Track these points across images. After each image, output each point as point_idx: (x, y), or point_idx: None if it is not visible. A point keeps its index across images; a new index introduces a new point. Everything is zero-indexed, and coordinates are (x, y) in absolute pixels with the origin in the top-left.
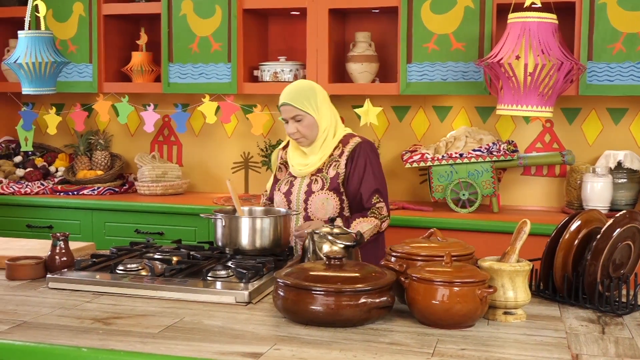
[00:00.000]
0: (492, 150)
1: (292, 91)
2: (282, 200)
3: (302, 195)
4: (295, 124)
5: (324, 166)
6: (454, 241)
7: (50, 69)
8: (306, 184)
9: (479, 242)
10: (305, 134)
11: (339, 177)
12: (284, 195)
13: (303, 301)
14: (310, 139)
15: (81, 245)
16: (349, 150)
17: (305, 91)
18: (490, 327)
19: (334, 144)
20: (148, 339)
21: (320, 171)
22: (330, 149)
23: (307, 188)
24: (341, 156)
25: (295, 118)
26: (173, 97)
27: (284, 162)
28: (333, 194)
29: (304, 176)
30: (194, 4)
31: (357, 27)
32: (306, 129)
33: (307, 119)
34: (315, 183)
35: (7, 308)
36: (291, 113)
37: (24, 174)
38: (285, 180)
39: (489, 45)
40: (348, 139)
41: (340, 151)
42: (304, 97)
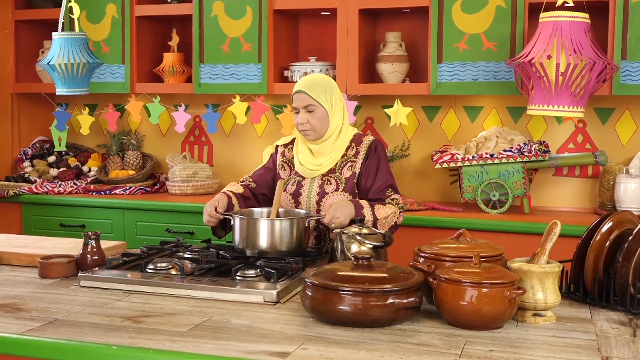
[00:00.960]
0: (523, 150)
1: (310, 81)
2: (289, 201)
3: (314, 196)
4: (306, 114)
5: (337, 167)
6: (483, 242)
7: (84, 70)
8: (318, 185)
9: (509, 244)
10: (314, 126)
11: (355, 177)
12: (291, 196)
13: (331, 301)
14: (318, 134)
15: (112, 244)
16: (365, 149)
17: (323, 83)
18: (519, 329)
19: (346, 144)
20: (177, 338)
21: (333, 172)
22: (343, 149)
23: (319, 189)
24: (357, 156)
25: (308, 108)
26: (204, 97)
27: (288, 161)
28: (348, 195)
29: (313, 177)
30: (225, 5)
31: (388, 27)
32: (317, 121)
33: (319, 110)
34: (329, 184)
35: (40, 306)
36: (304, 102)
37: (57, 174)
38: (292, 181)
39: (521, 44)
40: (360, 138)
41: (355, 151)
42: (320, 88)
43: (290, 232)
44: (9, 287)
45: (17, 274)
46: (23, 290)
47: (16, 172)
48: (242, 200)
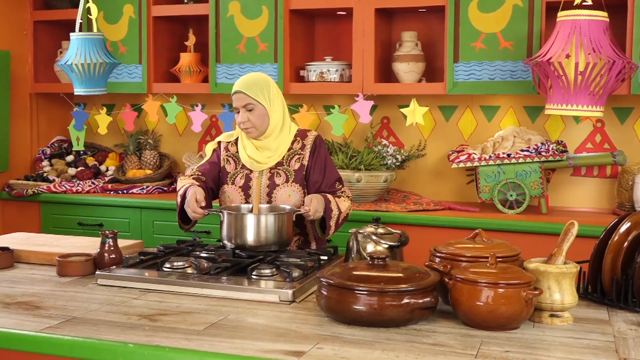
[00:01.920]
0: (540, 150)
1: (247, 81)
2: (239, 193)
3: (264, 188)
4: (246, 113)
5: (284, 160)
6: (500, 242)
7: (101, 70)
8: (267, 177)
9: (527, 244)
10: (255, 123)
11: (304, 169)
12: (241, 188)
13: (346, 301)
14: (259, 130)
15: (130, 243)
16: (311, 143)
17: (259, 82)
18: (535, 330)
19: (291, 137)
20: (193, 336)
21: (281, 164)
22: (288, 143)
23: (269, 181)
24: (303, 149)
25: (247, 107)
26: (220, 97)
27: (232, 155)
28: (298, 186)
29: (261, 170)
30: (241, 5)
31: (404, 26)
32: (257, 118)
33: (258, 108)
34: (278, 176)
35: (57, 304)
36: (243, 101)
37: (75, 173)
38: (240, 174)
39: (538, 43)
40: (305, 132)
41: (301, 145)
42: (257, 87)
43: (277, 226)
44: (28, 285)
45: (36, 272)
46: (41, 288)
47: (35, 171)
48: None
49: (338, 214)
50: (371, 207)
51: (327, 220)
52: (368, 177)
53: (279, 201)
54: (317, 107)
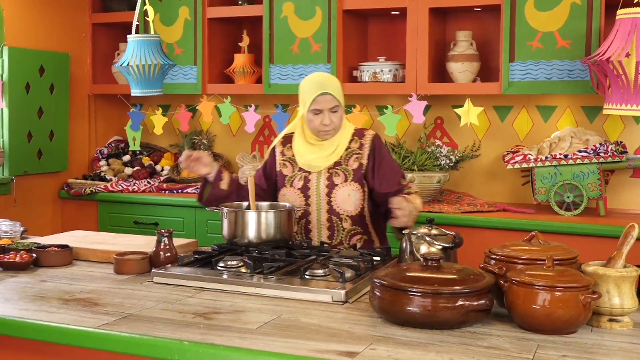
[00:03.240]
0: (599, 151)
1: (329, 82)
2: (298, 195)
3: (323, 189)
4: (331, 115)
5: (342, 159)
6: (557, 244)
7: (157, 71)
8: (325, 177)
9: (584, 247)
10: (337, 125)
11: (362, 168)
12: (300, 190)
13: (399, 302)
14: (337, 131)
15: (184, 241)
16: (369, 143)
17: (337, 83)
18: (594, 334)
19: (349, 137)
20: (246, 335)
21: (339, 164)
22: (347, 142)
23: (327, 182)
24: (362, 148)
25: (333, 109)
26: (273, 97)
27: (289, 159)
28: (357, 185)
29: (319, 170)
30: (295, 6)
31: (458, 25)
32: (339, 120)
33: (340, 110)
34: (337, 176)
35: (115, 301)
36: (330, 103)
37: (131, 173)
38: (298, 177)
39: (597, 42)
40: (362, 132)
41: (359, 144)
42: (338, 88)
43: (277, 223)
44: (86, 282)
45: (94, 270)
46: (99, 286)
47: (93, 170)
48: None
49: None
50: (424, 208)
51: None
52: (421, 178)
53: (338, 201)
54: (370, 108)
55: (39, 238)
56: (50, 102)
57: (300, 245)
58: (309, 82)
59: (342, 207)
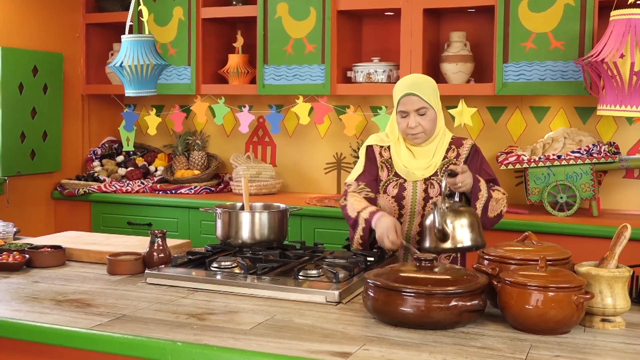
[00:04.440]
0: (592, 152)
1: (418, 82)
2: (392, 204)
3: (419, 201)
4: (417, 117)
5: (438, 170)
6: (550, 245)
7: (151, 71)
8: (422, 188)
9: (577, 247)
10: (426, 129)
11: None
12: (394, 198)
13: (393, 302)
14: (428, 136)
15: (178, 242)
16: (466, 153)
17: (430, 84)
18: (586, 335)
19: (446, 145)
20: (240, 335)
21: (436, 175)
22: (444, 151)
23: (424, 194)
24: (457, 158)
25: (419, 111)
26: (268, 98)
27: (386, 161)
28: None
29: (416, 180)
30: (289, 7)
31: (452, 26)
32: (429, 123)
33: (430, 113)
34: (432, 188)
35: (108, 301)
36: (416, 105)
37: (125, 173)
38: (393, 183)
39: (590, 43)
40: (460, 141)
41: (456, 153)
42: (429, 89)
43: (270, 223)
44: (79, 283)
45: (87, 270)
46: (92, 286)
47: (86, 171)
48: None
49: (487, 197)
50: None
51: (472, 201)
52: None
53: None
54: (364, 108)
55: (32, 239)
56: (44, 103)
57: (294, 245)
58: (399, 83)
59: None
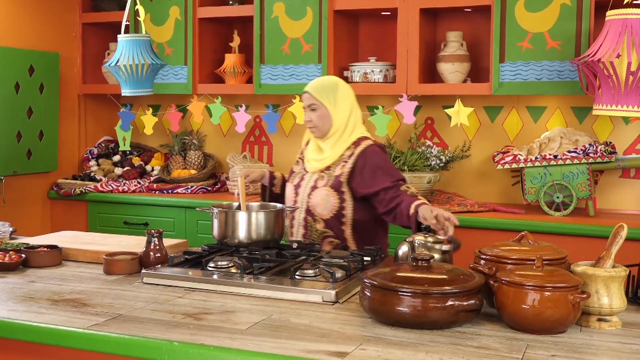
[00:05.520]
0: (588, 151)
1: (315, 82)
2: (292, 192)
3: (308, 189)
4: (310, 112)
5: (333, 164)
6: (546, 245)
7: (148, 71)
8: (314, 179)
9: (573, 247)
10: (317, 124)
11: (342, 176)
12: (294, 187)
13: (389, 302)
14: (322, 131)
15: (174, 242)
16: (358, 153)
17: (326, 84)
18: (583, 334)
19: (348, 144)
20: (237, 335)
21: (329, 168)
22: (343, 148)
23: (313, 183)
24: (350, 157)
25: (311, 107)
26: (264, 98)
27: (301, 156)
28: (334, 192)
29: (314, 172)
30: (286, 6)
31: (449, 26)
32: (318, 119)
33: (321, 109)
34: (321, 179)
35: (104, 301)
36: (308, 101)
37: (121, 173)
38: (299, 175)
39: (586, 43)
40: (360, 141)
41: (351, 152)
42: (323, 89)
43: (267, 223)
44: (76, 283)
45: (83, 270)
46: (89, 286)
47: (82, 171)
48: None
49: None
50: None
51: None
52: (412, 178)
53: (313, 201)
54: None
55: (28, 238)
56: (40, 102)
57: (291, 245)
58: None
59: (316, 209)
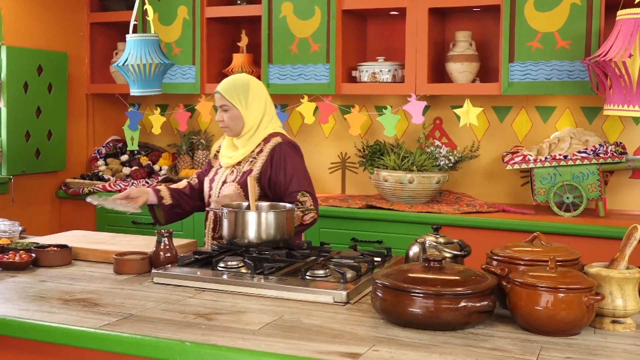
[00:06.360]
0: (598, 152)
1: (226, 82)
2: (208, 185)
3: (219, 184)
4: (222, 113)
5: (244, 160)
6: (559, 246)
7: (156, 70)
8: (227, 174)
9: (584, 248)
10: (228, 124)
11: (251, 173)
12: (209, 181)
13: (402, 303)
14: (234, 131)
15: (184, 242)
16: (268, 150)
17: (237, 85)
18: (597, 336)
19: (258, 141)
20: (248, 336)
21: (240, 164)
22: (253, 145)
23: (224, 178)
24: (259, 154)
25: (222, 107)
26: (272, 97)
27: (217, 153)
28: (238, 186)
29: (227, 167)
30: (294, 6)
31: (458, 26)
32: (230, 120)
33: (232, 111)
34: (231, 174)
35: (115, 301)
36: (219, 102)
37: (129, 172)
38: (215, 169)
39: (596, 43)
40: (269, 138)
41: (260, 149)
42: (234, 90)
43: (277, 223)
44: (86, 282)
45: (93, 270)
46: (99, 286)
47: (91, 170)
48: (176, 194)
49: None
50: (423, 208)
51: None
52: (420, 179)
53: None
54: (369, 108)
55: (38, 238)
56: (49, 102)
57: (301, 245)
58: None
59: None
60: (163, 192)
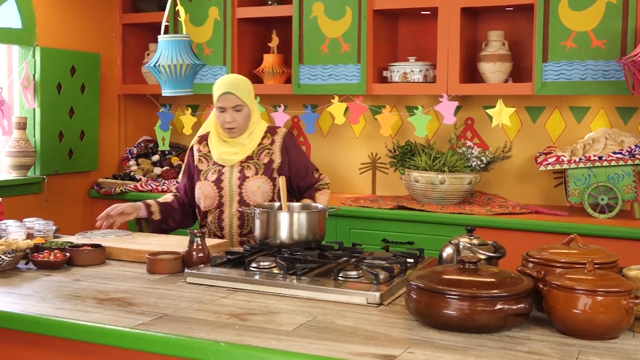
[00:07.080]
0: (634, 152)
1: (234, 82)
2: (212, 188)
3: (235, 181)
4: (234, 113)
5: (254, 154)
6: (596, 248)
7: (187, 71)
8: (238, 170)
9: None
10: (241, 123)
11: (273, 163)
12: (213, 183)
13: (437, 305)
14: (242, 130)
15: (216, 242)
16: (280, 140)
17: (245, 83)
18: (636, 340)
19: (262, 134)
20: (282, 336)
21: (251, 158)
22: (259, 139)
23: (240, 174)
24: (272, 144)
25: (236, 108)
26: (303, 98)
27: (204, 155)
28: (267, 178)
29: (233, 164)
30: (325, 6)
31: (490, 25)
32: (243, 119)
33: (245, 110)
34: (248, 169)
35: (149, 301)
36: (233, 102)
37: (161, 172)
38: (212, 170)
39: (632, 42)
40: (274, 129)
41: (271, 140)
42: (244, 88)
43: (309, 224)
44: (120, 282)
45: (127, 269)
46: (133, 285)
47: (122, 170)
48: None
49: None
50: (455, 209)
51: None
52: (452, 179)
53: (248, 192)
54: (400, 108)
55: (71, 237)
56: (81, 102)
57: (332, 246)
58: (218, 82)
59: (252, 198)
60: (153, 208)
